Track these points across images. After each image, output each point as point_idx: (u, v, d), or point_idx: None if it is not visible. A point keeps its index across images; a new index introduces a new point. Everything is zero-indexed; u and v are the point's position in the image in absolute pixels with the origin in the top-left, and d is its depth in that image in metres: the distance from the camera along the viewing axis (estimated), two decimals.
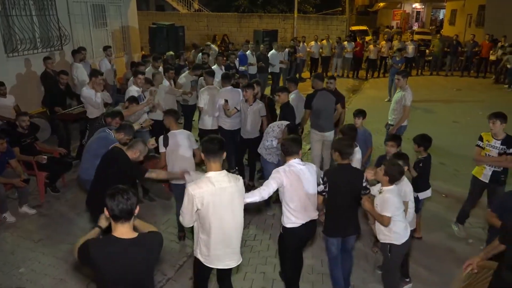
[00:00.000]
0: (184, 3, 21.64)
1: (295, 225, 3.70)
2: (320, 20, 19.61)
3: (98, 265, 2.39)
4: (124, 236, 2.43)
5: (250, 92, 6.00)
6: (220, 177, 3.14)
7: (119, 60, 11.50)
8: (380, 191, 3.60)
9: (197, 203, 3.06)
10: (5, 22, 7.77)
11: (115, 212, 2.40)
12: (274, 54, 12.22)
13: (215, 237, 3.18)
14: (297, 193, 3.63)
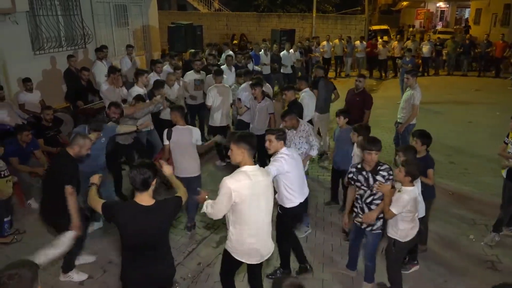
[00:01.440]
0: (205, 2, 22.01)
1: (295, 205, 4.03)
2: (339, 19, 19.63)
3: (120, 223, 2.87)
4: (143, 202, 2.89)
5: (258, 90, 6.22)
6: (255, 171, 3.23)
7: (140, 58, 11.88)
8: (399, 190, 3.72)
9: (235, 197, 3.09)
10: (32, 21, 8.23)
11: (135, 185, 2.87)
12: (286, 54, 12.28)
13: (250, 229, 3.25)
14: (296, 176, 3.96)
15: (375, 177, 3.81)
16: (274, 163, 3.89)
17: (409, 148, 4.35)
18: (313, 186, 6.51)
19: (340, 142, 5.51)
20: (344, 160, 5.34)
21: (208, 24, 20.17)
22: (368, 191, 3.88)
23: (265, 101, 6.35)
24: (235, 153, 3.22)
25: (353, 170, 3.99)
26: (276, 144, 3.98)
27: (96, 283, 4.40)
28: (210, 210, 3.26)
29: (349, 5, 22.78)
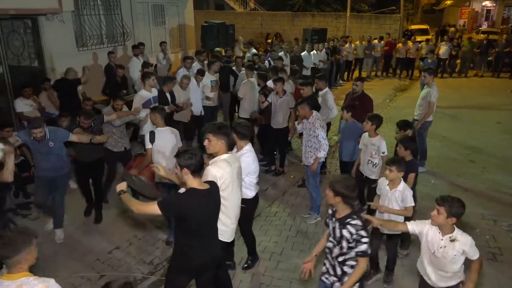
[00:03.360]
0: (241, 2, 22.54)
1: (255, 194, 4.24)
2: (373, 19, 19.58)
3: (186, 213, 2.94)
4: (201, 187, 3.02)
5: (280, 85, 6.59)
6: (232, 158, 3.57)
7: (175, 55, 12.56)
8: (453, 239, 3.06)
9: (221, 184, 3.33)
10: (77, 20, 9.01)
11: (194, 168, 2.96)
12: (306, 55, 12.07)
13: (231, 212, 3.56)
14: (256, 169, 4.14)
15: (342, 231, 2.97)
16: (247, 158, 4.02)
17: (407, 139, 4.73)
18: (321, 177, 6.78)
19: (345, 135, 5.79)
20: (349, 152, 5.67)
21: (243, 23, 20.72)
22: (337, 247, 3.05)
23: (286, 96, 6.70)
24: (214, 143, 3.44)
25: (329, 212, 3.22)
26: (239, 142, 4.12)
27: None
28: None
29: (386, 4, 22.61)
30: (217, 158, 3.49)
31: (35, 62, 8.43)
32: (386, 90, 14.23)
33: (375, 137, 5.15)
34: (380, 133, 5.29)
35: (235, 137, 3.97)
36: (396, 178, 3.90)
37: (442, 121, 9.90)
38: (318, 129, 5.26)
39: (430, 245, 3.15)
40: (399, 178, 3.92)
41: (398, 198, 3.91)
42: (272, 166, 7.25)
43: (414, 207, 3.96)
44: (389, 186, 3.97)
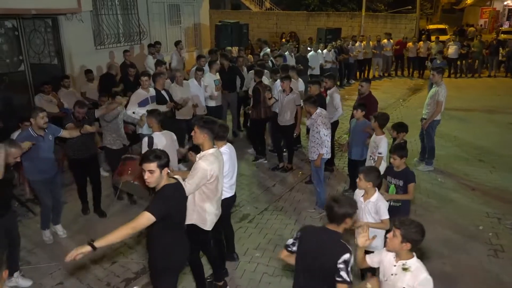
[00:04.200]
0: (257, 2, 22.72)
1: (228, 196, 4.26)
2: (389, 18, 19.49)
3: (174, 210, 3.06)
4: (171, 181, 3.11)
5: (287, 83, 6.74)
6: (218, 153, 3.79)
7: (190, 54, 12.82)
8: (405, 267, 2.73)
9: (211, 177, 3.59)
10: (95, 20, 9.34)
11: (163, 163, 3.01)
12: (313, 55, 11.84)
13: (217, 201, 3.81)
14: (229, 172, 4.17)
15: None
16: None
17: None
18: (329, 174, 7.01)
19: (355, 134, 5.86)
20: (359, 151, 5.75)
21: (258, 23, 20.89)
22: None
23: (292, 94, 6.84)
24: (198, 135, 3.63)
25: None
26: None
27: None
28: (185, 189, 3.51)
29: (402, 4, 22.48)
30: (205, 152, 3.66)
31: (55, 60, 8.78)
32: (400, 90, 14.21)
33: (379, 135, 5.21)
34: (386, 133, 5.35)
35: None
36: (369, 189, 3.66)
37: (454, 121, 9.89)
38: (320, 126, 5.42)
39: (383, 272, 2.88)
40: (373, 189, 3.68)
41: (371, 210, 3.69)
42: (281, 163, 7.40)
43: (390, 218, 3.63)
44: (363, 197, 3.76)
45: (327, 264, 2.69)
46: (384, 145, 5.13)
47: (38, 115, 4.66)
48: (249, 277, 4.48)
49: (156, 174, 2.98)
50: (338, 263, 2.63)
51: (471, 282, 4.40)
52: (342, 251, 2.66)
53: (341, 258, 2.63)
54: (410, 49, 15.76)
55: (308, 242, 2.83)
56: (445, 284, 4.13)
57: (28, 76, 8.13)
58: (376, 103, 6.55)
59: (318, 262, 2.73)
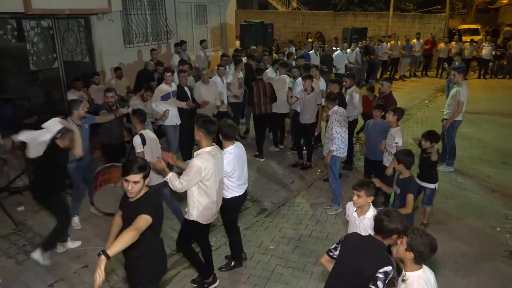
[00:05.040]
0: (284, 1, 22.82)
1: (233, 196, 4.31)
2: (417, 18, 19.20)
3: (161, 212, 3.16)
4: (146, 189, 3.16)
5: (308, 82, 6.85)
6: (215, 150, 3.83)
7: (216, 53, 13.08)
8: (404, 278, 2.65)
9: (205, 174, 3.66)
10: (125, 20, 9.72)
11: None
12: (339, 54, 11.89)
13: (213, 199, 3.86)
14: (235, 173, 4.19)
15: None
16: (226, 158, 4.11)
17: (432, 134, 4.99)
18: (345, 172, 7.12)
19: (374, 134, 5.80)
20: (377, 151, 5.74)
21: (284, 23, 21.01)
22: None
23: (313, 93, 6.95)
24: (196, 133, 3.78)
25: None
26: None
27: None
28: (179, 186, 3.67)
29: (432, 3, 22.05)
30: (201, 150, 3.76)
31: (86, 57, 9.20)
32: (426, 90, 14.03)
33: (394, 128, 5.35)
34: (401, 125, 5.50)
35: (220, 137, 4.13)
36: (365, 204, 3.44)
37: (479, 122, 9.75)
38: (333, 123, 5.59)
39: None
40: (368, 204, 3.44)
41: (367, 226, 3.38)
42: (300, 160, 7.52)
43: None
44: (357, 212, 3.50)
45: (366, 272, 2.67)
46: (400, 135, 5.33)
47: (80, 106, 5.04)
48: (263, 267, 4.64)
49: (140, 185, 2.99)
50: (379, 272, 2.63)
51: (482, 280, 4.42)
52: (385, 262, 2.67)
53: (382, 268, 2.63)
54: (441, 50, 15.48)
55: (351, 248, 2.85)
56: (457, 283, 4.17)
57: (61, 72, 8.57)
58: (395, 103, 6.54)
59: (358, 269, 2.72)
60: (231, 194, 4.27)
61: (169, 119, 6.65)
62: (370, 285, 2.64)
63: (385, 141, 5.49)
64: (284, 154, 8.12)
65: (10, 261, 4.69)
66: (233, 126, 4.18)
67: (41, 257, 4.55)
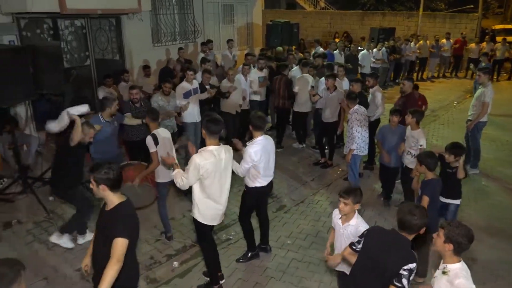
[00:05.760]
0: (312, 1, 22.79)
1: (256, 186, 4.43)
2: (448, 18, 18.77)
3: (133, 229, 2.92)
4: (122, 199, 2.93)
5: (331, 81, 6.93)
6: (219, 149, 3.82)
7: (242, 52, 13.22)
8: (445, 271, 2.69)
9: (202, 172, 3.66)
10: (154, 19, 10.03)
11: (113, 183, 2.81)
12: (365, 54, 11.88)
13: (214, 199, 3.87)
14: (262, 163, 4.30)
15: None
16: (251, 150, 4.22)
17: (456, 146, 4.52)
18: (366, 172, 7.15)
19: (390, 140, 5.68)
20: (394, 158, 5.69)
21: (312, 22, 20.98)
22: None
23: (336, 92, 7.01)
24: (202, 131, 3.86)
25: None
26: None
27: None
28: (181, 182, 3.72)
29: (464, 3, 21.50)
30: (204, 148, 3.79)
31: (116, 56, 9.56)
32: (455, 91, 13.74)
33: (416, 130, 5.32)
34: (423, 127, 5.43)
35: (250, 127, 4.31)
36: (350, 212, 3.35)
37: (507, 125, 9.51)
38: (354, 122, 5.66)
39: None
40: (354, 211, 3.36)
41: (351, 234, 3.34)
42: (322, 158, 7.58)
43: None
44: (341, 220, 3.43)
45: (390, 267, 2.68)
46: (423, 136, 5.27)
47: (113, 104, 5.29)
48: (279, 261, 4.76)
49: (93, 186, 2.85)
50: (403, 269, 2.62)
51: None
52: (410, 259, 2.67)
53: (407, 265, 2.63)
54: (472, 50, 15.11)
55: (374, 242, 2.86)
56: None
57: (92, 70, 8.96)
58: (417, 103, 6.53)
59: (381, 264, 2.73)
60: (253, 184, 4.40)
61: (189, 116, 6.84)
62: (394, 282, 2.64)
63: (403, 143, 5.43)
64: (305, 152, 8.20)
65: (41, 246, 4.99)
66: (262, 117, 4.34)
67: (58, 239, 4.84)
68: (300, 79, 7.82)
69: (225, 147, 3.92)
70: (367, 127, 5.82)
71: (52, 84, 5.87)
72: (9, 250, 4.91)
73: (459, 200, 4.71)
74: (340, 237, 3.43)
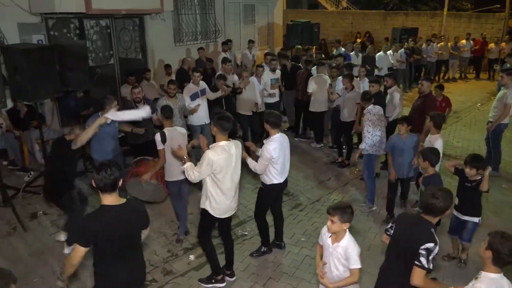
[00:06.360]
0: (333, 1, 22.69)
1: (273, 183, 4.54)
2: (473, 18, 18.37)
3: (95, 235, 2.73)
4: (113, 203, 2.83)
5: (346, 80, 6.98)
6: (230, 145, 3.91)
7: (262, 52, 13.31)
8: (477, 277, 2.65)
9: (215, 167, 3.76)
10: (176, 19, 10.23)
11: (104, 186, 2.77)
12: (382, 56, 11.63)
13: (225, 192, 3.95)
14: (279, 159, 4.40)
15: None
16: (269, 147, 4.32)
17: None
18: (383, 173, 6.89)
19: (399, 151, 5.36)
20: (405, 169, 5.44)
21: (333, 22, 20.88)
22: None
23: (353, 92, 7.03)
24: (212, 128, 3.93)
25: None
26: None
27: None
28: (192, 176, 3.80)
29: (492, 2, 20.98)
30: (216, 144, 3.88)
31: (139, 55, 9.80)
32: (479, 93, 13.49)
33: (433, 134, 5.19)
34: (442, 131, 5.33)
35: (267, 126, 4.38)
36: (339, 231, 3.11)
37: None
38: (366, 122, 5.72)
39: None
40: (344, 231, 3.11)
41: (340, 256, 3.13)
42: (339, 158, 7.61)
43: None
44: (331, 238, 3.18)
45: (411, 247, 2.85)
46: (441, 144, 5.10)
47: (113, 103, 5.21)
48: (292, 258, 4.84)
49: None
50: (421, 248, 2.79)
51: None
52: (428, 238, 2.81)
53: (425, 245, 2.79)
54: (492, 50, 14.81)
55: (401, 226, 3.06)
56: None
57: (116, 68, 9.22)
58: (435, 104, 6.46)
59: (406, 245, 2.92)
60: (271, 181, 4.50)
61: (196, 118, 6.80)
62: (415, 262, 2.81)
63: (417, 158, 5.04)
64: (323, 152, 8.24)
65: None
66: (278, 115, 4.43)
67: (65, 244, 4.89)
68: (316, 79, 7.84)
69: (235, 142, 4.01)
70: (381, 127, 5.81)
71: (77, 81, 6.10)
72: (34, 240, 5.16)
73: (479, 218, 4.38)
74: (329, 256, 3.20)
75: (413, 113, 6.31)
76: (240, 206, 5.89)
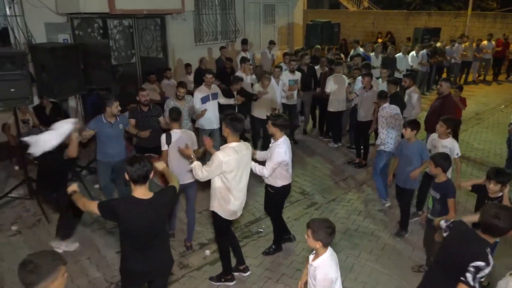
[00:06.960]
0: (355, 1, 22.53)
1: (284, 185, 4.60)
2: (499, 18, 17.95)
3: (123, 221, 2.96)
4: (143, 196, 3.00)
5: (367, 80, 6.97)
6: (240, 146, 3.90)
7: (282, 52, 13.37)
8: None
9: (225, 168, 3.76)
10: (197, 19, 10.38)
11: (134, 177, 2.95)
12: (401, 57, 11.28)
13: (234, 194, 3.95)
14: (289, 161, 4.47)
15: None
16: (279, 150, 4.37)
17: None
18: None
19: (406, 157, 5.10)
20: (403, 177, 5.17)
21: (354, 22, 20.75)
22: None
23: (371, 91, 7.02)
24: (223, 129, 3.93)
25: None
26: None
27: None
28: (201, 175, 3.81)
29: None
30: (226, 145, 3.88)
31: (160, 54, 9.99)
32: (503, 94, 13.22)
33: (446, 139, 5.08)
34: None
35: (274, 129, 4.36)
36: (319, 249, 2.89)
37: None
38: (379, 118, 5.85)
39: None
40: (324, 250, 2.90)
41: (311, 276, 2.98)
42: (357, 158, 7.60)
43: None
44: (314, 255, 3.03)
45: (461, 262, 2.73)
46: (457, 145, 5.09)
47: (113, 104, 5.14)
48: (306, 255, 4.86)
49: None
50: (470, 265, 2.67)
51: None
52: (480, 257, 2.68)
53: (475, 262, 2.67)
54: None
55: (455, 238, 2.92)
56: None
57: (138, 67, 9.42)
58: (454, 107, 6.38)
59: (456, 259, 2.79)
60: (281, 183, 4.56)
61: (206, 122, 6.68)
62: (461, 277, 2.69)
63: (419, 168, 4.96)
64: (340, 151, 8.24)
65: (86, 229, 5.39)
66: (286, 118, 4.49)
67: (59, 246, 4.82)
68: (335, 78, 7.85)
69: (245, 144, 4.01)
70: (395, 126, 5.82)
71: (100, 80, 6.30)
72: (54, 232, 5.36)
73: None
74: (309, 273, 3.04)
75: (431, 114, 6.26)
76: (256, 203, 6.04)
